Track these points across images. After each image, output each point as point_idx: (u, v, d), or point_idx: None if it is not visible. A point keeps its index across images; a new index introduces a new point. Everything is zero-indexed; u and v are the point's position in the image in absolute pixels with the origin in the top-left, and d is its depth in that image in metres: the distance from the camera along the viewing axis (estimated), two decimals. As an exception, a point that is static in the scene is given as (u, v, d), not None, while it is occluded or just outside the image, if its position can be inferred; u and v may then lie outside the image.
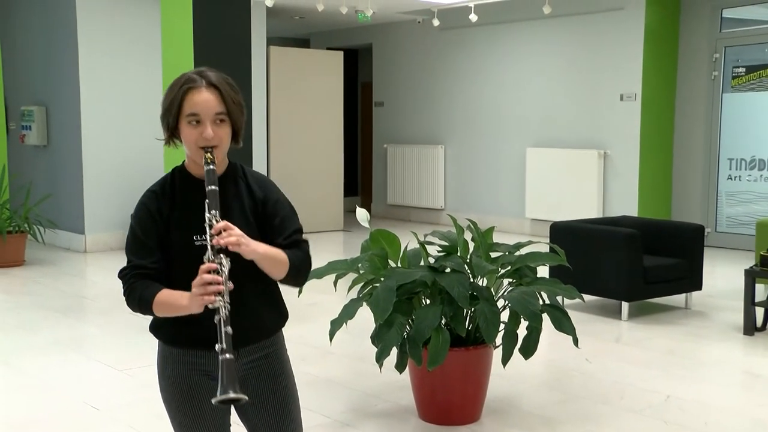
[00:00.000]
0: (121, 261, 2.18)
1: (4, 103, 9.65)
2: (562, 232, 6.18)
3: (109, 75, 8.90)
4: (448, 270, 3.79)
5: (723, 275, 7.64)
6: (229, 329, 1.91)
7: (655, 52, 9.28)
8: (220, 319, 1.91)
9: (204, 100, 2.04)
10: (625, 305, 5.96)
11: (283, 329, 2.28)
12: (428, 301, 3.84)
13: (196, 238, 2.05)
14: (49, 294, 6.95)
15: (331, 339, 3.79)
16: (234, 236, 1.96)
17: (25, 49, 9.63)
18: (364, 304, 3.77)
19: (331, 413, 4.03)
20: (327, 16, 10.86)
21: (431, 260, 3.95)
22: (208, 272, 1.93)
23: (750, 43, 9.07)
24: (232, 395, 1.85)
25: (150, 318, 2.17)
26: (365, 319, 3.87)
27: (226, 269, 1.94)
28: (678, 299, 6.45)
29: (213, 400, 1.88)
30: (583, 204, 9.52)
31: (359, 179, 13.79)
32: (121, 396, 4.39)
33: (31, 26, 9.52)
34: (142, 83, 8.96)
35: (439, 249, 3.99)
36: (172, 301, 2.02)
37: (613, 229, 6.07)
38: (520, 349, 3.73)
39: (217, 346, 1.90)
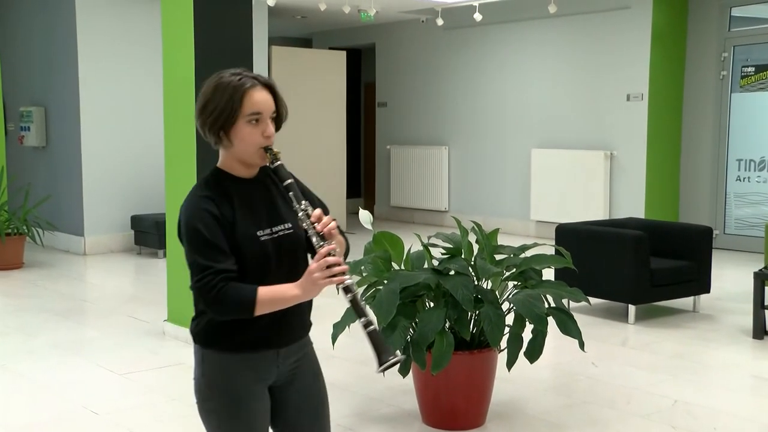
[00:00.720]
0: (123, 263, 2.20)
1: (3, 103, 9.68)
2: (567, 234, 6.19)
3: (109, 75, 8.93)
4: (452, 272, 3.80)
5: (731, 278, 7.63)
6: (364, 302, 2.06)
7: (662, 51, 9.28)
8: (355, 294, 2.04)
9: (264, 99, 2.13)
10: (631, 308, 5.96)
11: None
12: (432, 304, 3.84)
13: (260, 233, 2.12)
14: (48, 297, 6.96)
15: (333, 342, 3.80)
16: (332, 226, 2.09)
17: (24, 50, 9.66)
18: (367, 307, 3.77)
19: (334, 417, 4.01)
20: (329, 15, 10.88)
21: (435, 263, 3.96)
22: (328, 255, 2.03)
23: (759, 42, 9.06)
24: (393, 359, 2.01)
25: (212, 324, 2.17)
26: (368, 322, 3.88)
27: (338, 250, 2.08)
28: (686, 302, 6.45)
29: (377, 370, 2.03)
30: (589, 205, 9.53)
31: (362, 180, 13.80)
32: (121, 400, 4.40)
33: (30, 26, 9.55)
34: (142, 84, 8.98)
35: (443, 251, 4.00)
36: (280, 294, 2.06)
37: (620, 231, 6.08)
38: (525, 353, 3.74)
39: (362, 320, 2.04)
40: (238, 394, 2.16)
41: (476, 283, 3.82)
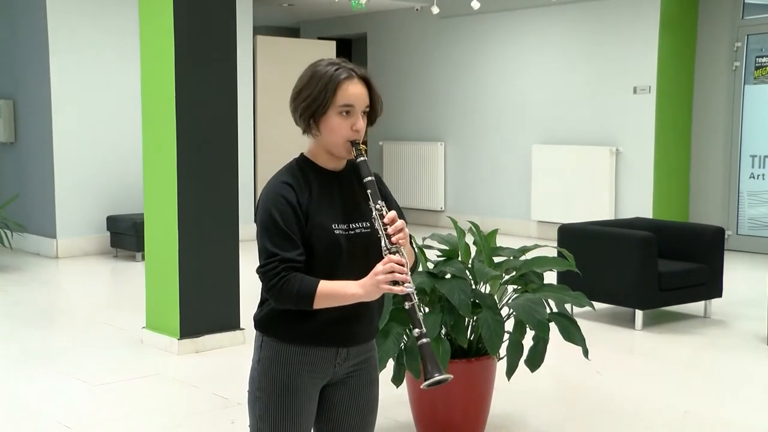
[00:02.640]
0: (98, 267, 2.20)
1: (-31, 97, 9.66)
2: (570, 235, 6.21)
3: (83, 66, 8.91)
4: (448, 276, 3.81)
5: (745, 281, 7.67)
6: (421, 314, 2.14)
7: (671, 40, 9.31)
8: (414, 304, 2.13)
9: (359, 92, 2.22)
10: (638, 313, 5.98)
11: None
12: (427, 310, 3.85)
13: (335, 226, 2.21)
14: (17, 303, 6.94)
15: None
16: (404, 233, 2.18)
17: (-8, 39, 9.64)
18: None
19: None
20: (318, 3, 10.89)
21: (430, 265, 3.96)
22: (398, 263, 2.11)
23: (773, 32, 9.11)
24: (438, 376, 2.10)
25: (271, 311, 2.24)
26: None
27: (405, 259, 2.15)
28: (696, 307, 6.47)
29: (422, 385, 2.13)
30: (593, 205, 9.55)
31: (353, 179, 13.80)
32: (95, 413, 4.39)
33: (-3, 14, 9.53)
34: (119, 75, 8.97)
35: (439, 253, 4.01)
36: (341, 292, 2.14)
37: (626, 231, 6.10)
38: (525, 361, 3.75)
39: (415, 332, 2.13)
40: (289, 388, 2.24)
41: (474, 287, 3.83)
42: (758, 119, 9.24)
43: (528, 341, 3.76)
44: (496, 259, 4.03)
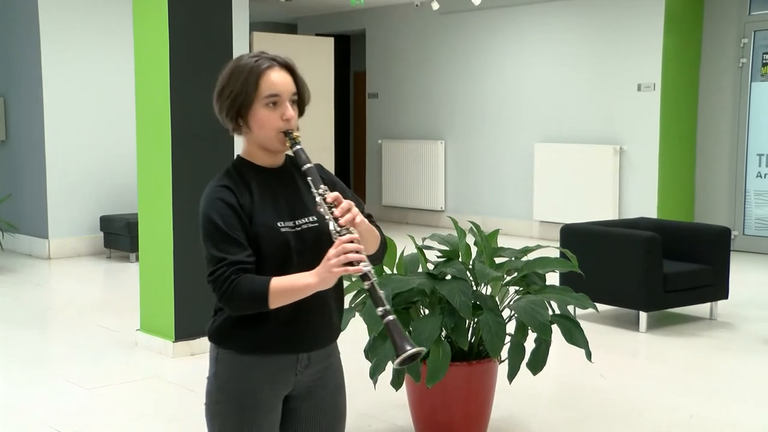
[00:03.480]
0: (91, 268, 2.21)
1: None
2: (573, 236, 6.21)
3: (76, 63, 8.91)
4: (448, 277, 3.81)
5: (751, 282, 7.68)
6: (383, 292, 2.08)
7: (676, 36, 9.32)
8: (372, 282, 2.06)
9: (283, 80, 2.16)
10: (643, 315, 5.99)
11: None
12: (427, 312, 3.86)
13: (281, 224, 2.16)
14: (8, 305, 6.95)
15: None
16: (352, 213, 2.10)
17: (-18, 35, 9.64)
18: (357, 314, 3.79)
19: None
20: (315, -2, 10.89)
21: (430, 266, 3.97)
22: (349, 242, 2.05)
23: (780, 28, 9.12)
24: (411, 350, 2.00)
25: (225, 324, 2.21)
26: (358, 330, 3.89)
27: (356, 236, 2.09)
28: (702, 309, 6.48)
29: (394, 363, 2.05)
30: (596, 204, 9.56)
31: (351, 178, 13.82)
32: (88, 418, 4.40)
33: (-12, 10, 9.53)
34: (113, 73, 8.97)
35: (439, 254, 4.01)
36: (294, 284, 2.09)
37: (630, 232, 6.10)
38: (527, 364, 3.75)
39: (379, 310, 2.05)
40: (248, 402, 2.18)
41: (475, 288, 3.83)
42: (765, 117, 9.24)
43: (530, 343, 3.76)
44: (498, 260, 4.03)
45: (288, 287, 2.08)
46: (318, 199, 2.12)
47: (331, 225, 2.09)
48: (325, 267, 2.05)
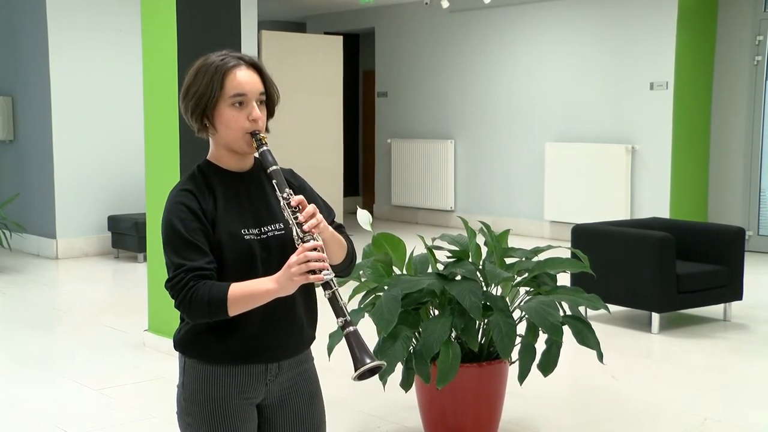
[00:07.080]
0: (99, 268, 2.22)
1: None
2: (585, 236, 6.20)
3: (83, 62, 8.94)
4: (458, 277, 3.81)
5: (766, 283, 7.65)
6: (344, 301, 2.04)
7: (689, 34, 9.29)
8: (334, 292, 2.01)
9: (249, 79, 2.12)
10: (655, 317, 5.97)
11: None
12: (437, 312, 3.86)
13: (245, 231, 2.11)
14: (16, 305, 6.98)
15: (329, 353, 3.81)
16: (317, 219, 2.05)
17: (-10, 35, 9.69)
18: (366, 315, 3.79)
19: (330, 437, 4.04)
20: (324, -4, 10.89)
21: (440, 267, 3.97)
22: (312, 249, 2.00)
23: (795, 25, 9.08)
24: (371, 364, 1.97)
25: (187, 334, 2.20)
26: (367, 331, 3.89)
27: (320, 243, 2.04)
28: (716, 310, 6.46)
29: (353, 376, 1.99)
30: (608, 204, 9.54)
31: (360, 178, 13.82)
32: (97, 418, 4.41)
33: (-4, 9, 9.57)
34: (120, 72, 9.00)
35: (449, 254, 4.01)
36: (254, 290, 2.04)
37: (643, 232, 6.09)
38: (538, 365, 3.75)
39: (339, 320, 2.01)
40: (218, 412, 2.14)
41: (485, 289, 3.83)
42: (780, 116, 9.21)
43: (541, 345, 3.76)
44: (508, 261, 4.03)
45: (247, 293, 2.03)
46: (282, 203, 2.07)
47: (295, 230, 2.04)
48: (286, 273, 2.00)
